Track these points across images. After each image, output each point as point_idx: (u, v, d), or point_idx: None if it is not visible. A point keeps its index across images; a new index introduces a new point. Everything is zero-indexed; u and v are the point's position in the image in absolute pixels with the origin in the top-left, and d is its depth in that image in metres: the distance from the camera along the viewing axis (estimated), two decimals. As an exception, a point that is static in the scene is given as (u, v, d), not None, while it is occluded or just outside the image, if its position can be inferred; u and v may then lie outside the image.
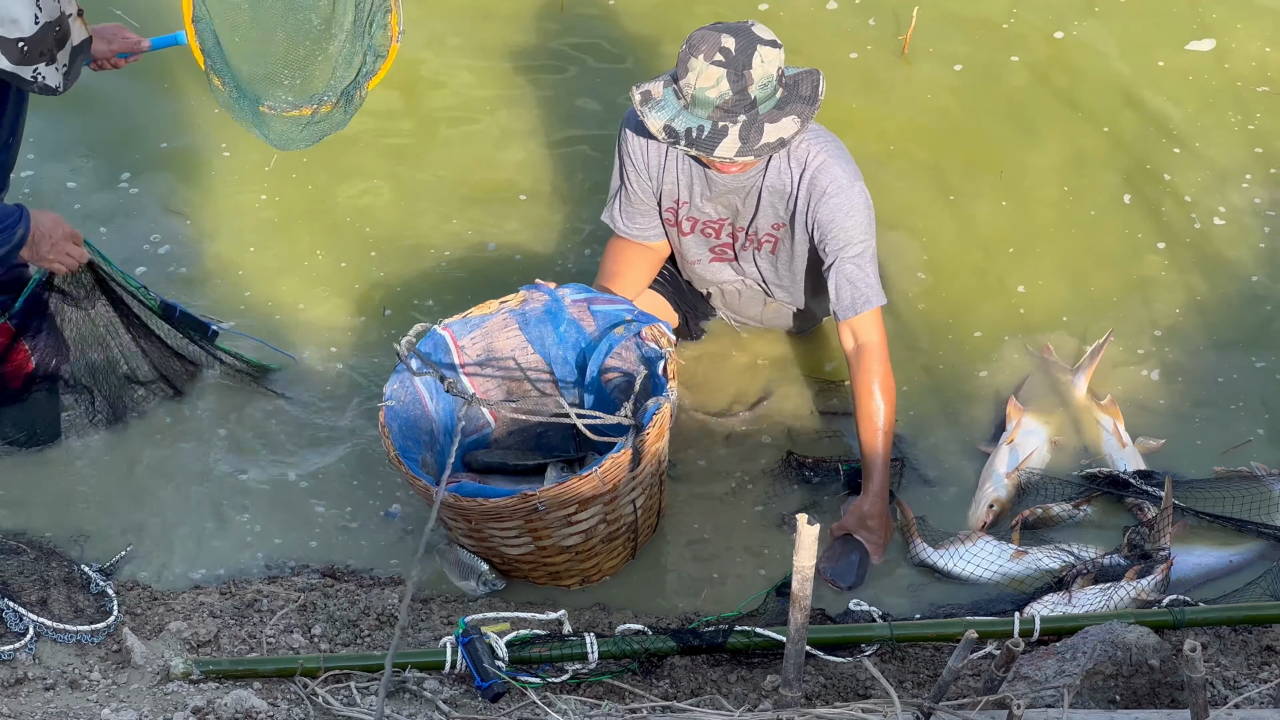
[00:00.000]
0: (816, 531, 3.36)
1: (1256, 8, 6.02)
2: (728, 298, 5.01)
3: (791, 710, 3.59)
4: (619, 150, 4.76)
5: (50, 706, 3.86)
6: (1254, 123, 5.67)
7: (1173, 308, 5.21)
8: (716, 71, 4.37)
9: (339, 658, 4.07)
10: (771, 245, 4.76)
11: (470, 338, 4.62)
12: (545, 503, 4.19)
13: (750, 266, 4.85)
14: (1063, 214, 5.46)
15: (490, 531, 4.34)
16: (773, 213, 4.69)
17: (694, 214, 4.75)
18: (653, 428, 4.26)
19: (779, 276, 4.86)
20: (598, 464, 4.21)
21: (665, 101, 4.46)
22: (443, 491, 3.95)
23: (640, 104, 4.47)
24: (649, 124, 4.46)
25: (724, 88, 4.37)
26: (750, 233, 4.74)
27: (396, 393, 4.46)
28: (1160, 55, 5.87)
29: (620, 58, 5.95)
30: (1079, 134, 5.67)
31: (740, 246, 4.79)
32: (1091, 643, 3.91)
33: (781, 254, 4.78)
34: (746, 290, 4.95)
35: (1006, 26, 5.97)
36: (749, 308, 5.02)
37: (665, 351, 4.43)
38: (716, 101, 4.39)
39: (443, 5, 6.06)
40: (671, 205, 4.76)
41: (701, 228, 4.78)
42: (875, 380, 4.63)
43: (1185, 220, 5.42)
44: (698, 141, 4.43)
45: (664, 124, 4.45)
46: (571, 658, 4.04)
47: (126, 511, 4.67)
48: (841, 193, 4.59)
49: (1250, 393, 4.99)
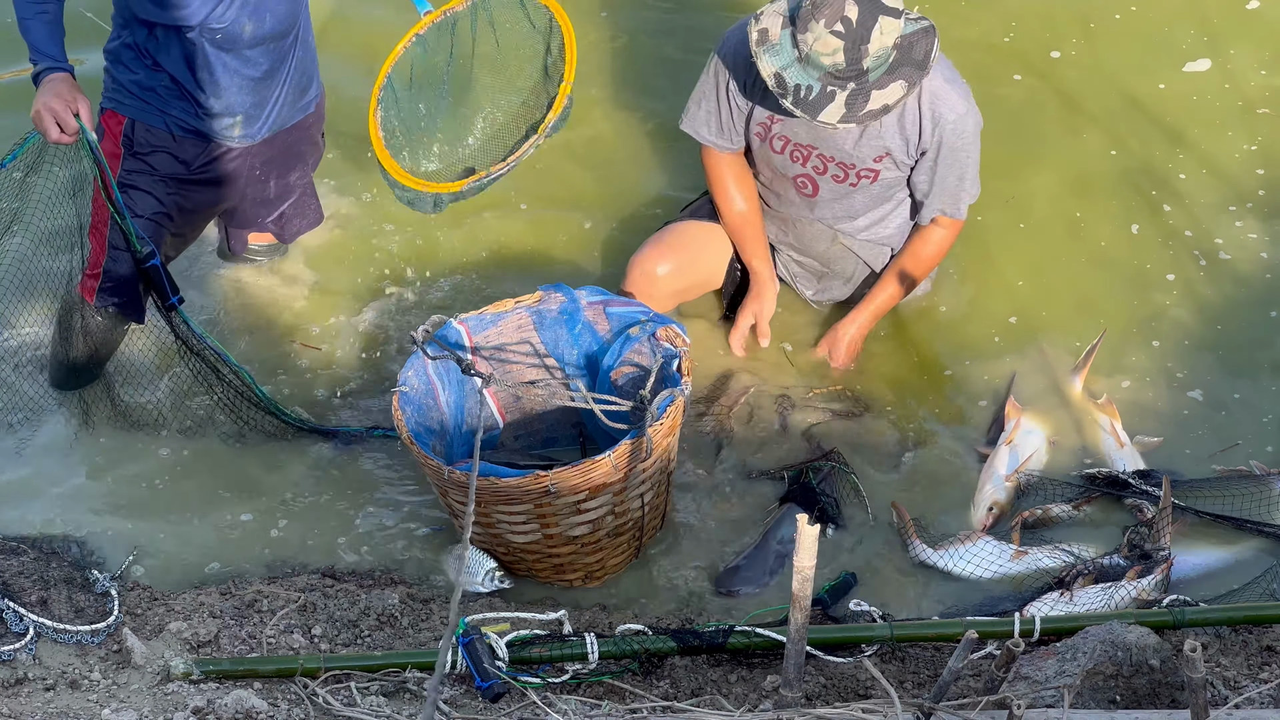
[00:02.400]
0: (816, 532, 3.36)
1: (1249, 29, 6.03)
2: (798, 229, 5.00)
3: (792, 710, 3.58)
4: (714, 67, 4.79)
5: (50, 706, 3.86)
6: (1255, 144, 5.67)
7: (1172, 309, 5.22)
8: (835, 42, 4.39)
9: (339, 658, 4.07)
10: (872, 177, 4.78)
11: (485, 334, 4.63)
12: (556, 485, 4.19)
13: (828, 203, 4.87)
14: (1064, 224, 5.47)
15: (499, 516, 4.33)
16: (877, 143, 4.71)
17: (788, 134, 4.76)
18: (666, 418, 4.27)
19: (857, 208, 4.88)
20: (611, 450, 4.22)
21: (781, 47, 4.47)
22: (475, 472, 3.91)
23: (756, 43, 4.48)
24: (761, 67, 4.48)
25: (839, 59, 4.40)
26: (848, 164, 4.76)
27: (410, 380, 4.47)
28: (1159, 76, 5.88)
29: (635, 64, 5.95)
30: (1080, 151, 5.68)
31: (831, 177, 4.80)
32: (1092, 643, 3.90)
33: (879, 186, 4.81)
34: (814, 227, 4.97)
35: (1006, 41, 5.98)
36: (816, 243, 5.01)
37: (680, 350, 4.44)
38: (829, 68, 4.42)
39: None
40: (764, 121, 4.78)
41: (791, 151, 4.79)
42: (931, 244, 4.83)
43: (1186, 235, 5.42)
44: (803, 102, 4.46)
45: (775, 71, 4.47)
46: (572, 658, 4.04)
47: (127, 511, 4.68)
48: (959, 120, 4.67)
49: (1249, 393, 5.00)
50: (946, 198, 4.81)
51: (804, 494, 4.68)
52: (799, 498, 4.68)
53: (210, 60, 4.52)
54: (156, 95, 4.58)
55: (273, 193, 4.93)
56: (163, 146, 4.63)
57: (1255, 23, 6.05)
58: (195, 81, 4.55)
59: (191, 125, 4.61)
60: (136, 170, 4.63)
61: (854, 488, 4.73)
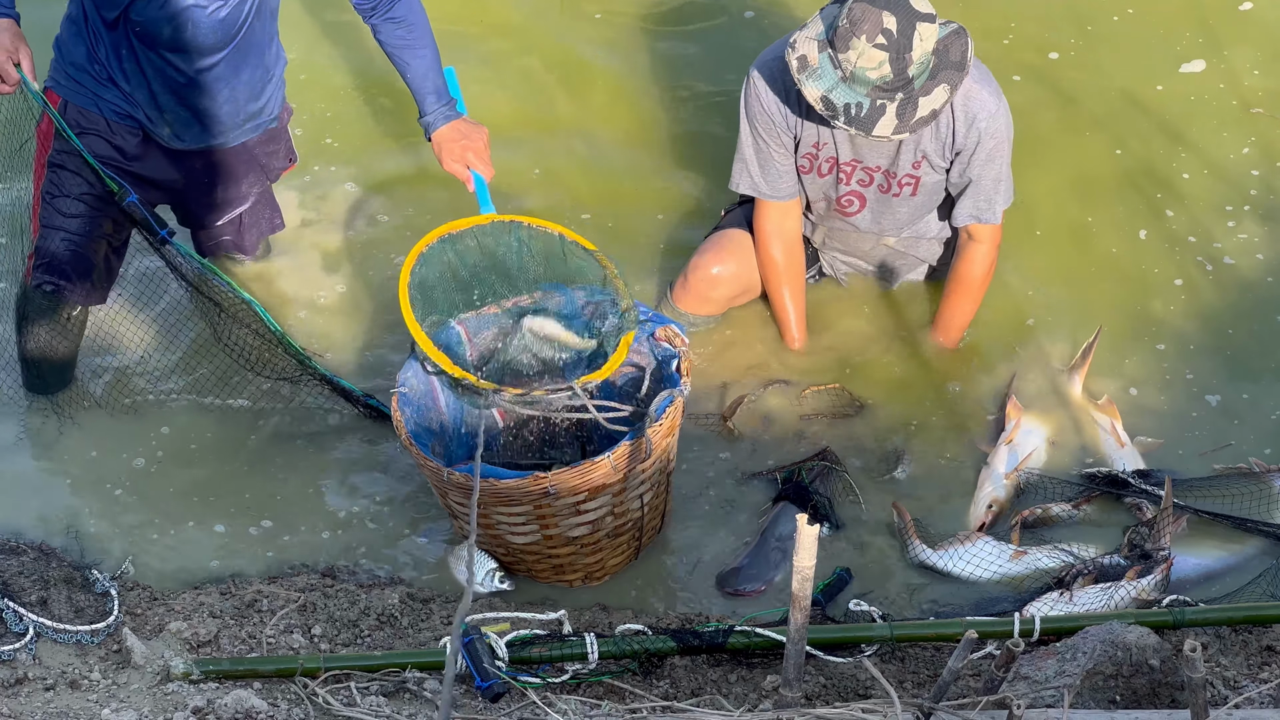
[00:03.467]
0: (816, 532, 3.36)
1: (1244, 30, 6.04)
2: (843, 235, 5.07)
3: (791, 710, 3.58)
4: (746, 110, 4.83)
5: (50, 706, 3.86)
6: (1250, 144, 5.67)
7: (1174, 312, 5.22)
8: (879, 55, 4.43)
9: (339, 658, 4.07)
10: (913, 187, 4.84)
11: (482, 335, 4.62)
12: (556, 486, 4.19)
13: (876, 216, 4.93)
14: (1066, 225, 5.48)
15: (498, 517, 4.33)
16: (915, 148, 4.76)
17: (832, 154, 4.81)
18: (665, 419, 4.27)
19: (902, 219, 4.94)
20: (610, 451, 4.22)
21: (822, 70, 4.51)
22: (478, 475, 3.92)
23: (797, 71, 4.52)
24: (806, 92, 4.52)
25: (885, 70, 4.45)
26: (890, 171, 4.81)
27: (409, 381, 4.46)
28: (1156, 77, 5.89)
29: (644, 67, 5.96)
30: (1080, 152, 5.68)
31: (878, 187, 4.85)
32: (1091, 643, 3.90)
33: (920, 194, 4.87)
34: (858, 234, 5.04)
35: (1006, 43, 5.98)
36: (861, 243, 5.09)
37: (679, 350, 4.44)
38: (876, 81, 4.47)
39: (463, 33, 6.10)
40: (810, 150, 4.82)
41: (838, 172, 4.85)
42: (979, 260, 4.92)
43: (1187, 238, 5.42)
44: (856, 119, 4.51)
45: (821, 95, 4.51)
46: (571, 658, 4.04)
47: (127, 511, 4.68)
48: (992, 118, 4.72)
49: (1256, 394, 5.01)
50: (981, 199, 4.86)
51: (797, 493, 4.68)
52: (792, 496, 4.68)
53: (136, 53, 4.53)
54: (90, 79, 4.61)
55: (218, 198, 4.92)
56: (96, 130, 4.64)
57: (1249, 24, 6.07)
58: (121, 71, 4.57)
59: (126, 111, 4.62)
60: (68, 150, 4.61)
61: (847, 486, 4.73)
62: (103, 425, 4.88)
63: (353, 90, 5.88)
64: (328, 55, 5.97)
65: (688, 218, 5.47)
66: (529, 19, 6.14)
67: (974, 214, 4.88)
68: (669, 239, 5.42)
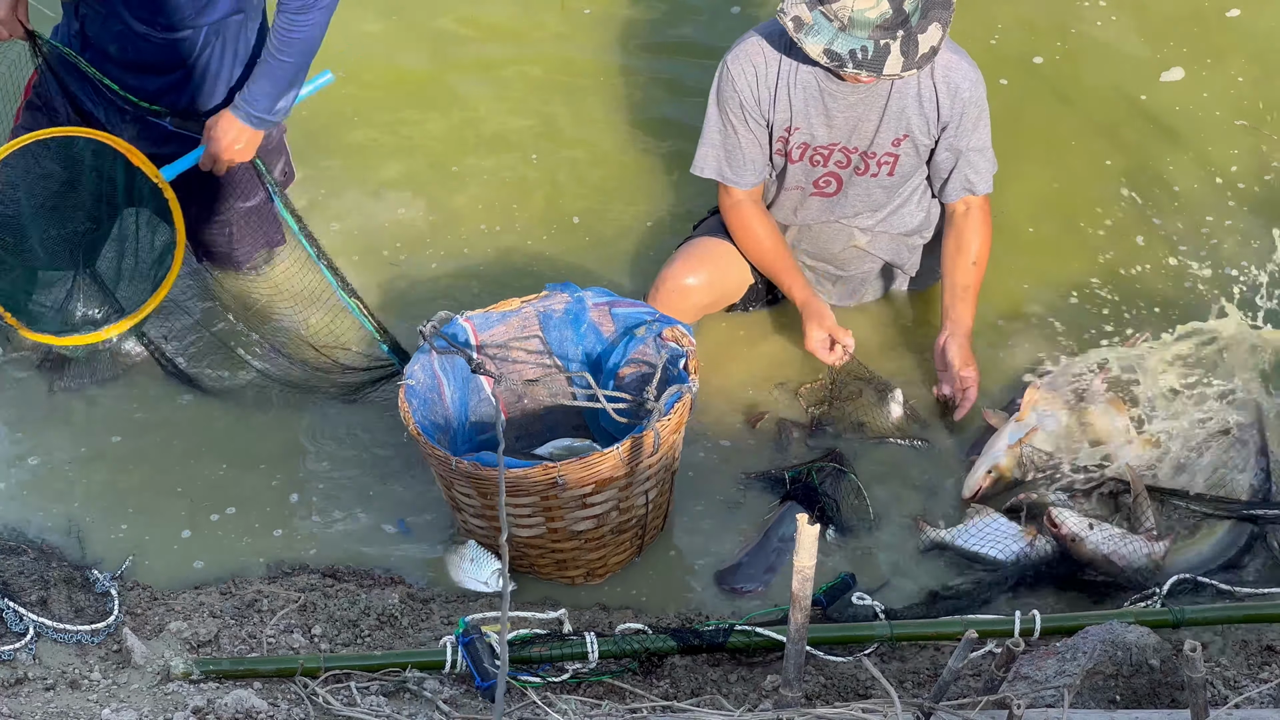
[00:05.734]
0: (816, 531, 3.37)
1: (1228, 38, 6.03)
2: (813, 231, 5.03)
3: (791, 710, 3.59)
4: (718, 96, 4.84)
5: (50, 706, 3.86)
6: (1231, 156, 5.68)
7: (1175, 315, 5.23)
8: None
9: (339, 658, 4.07)
10: (890, 166, 4.84)
11: (491, 332, 4.64)
12: (565, 477, 4.21)
13: (850, 198, 4.91)
14: (1065, 226, 5.49)
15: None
16: (897, 124, 4.78)
17: (805, 139, 4.82)
18: (674, 414, 4.28)
19: (877, 199, 4.92)
20: (619, 443, 4.23)
21: (818, 25, 4.56)
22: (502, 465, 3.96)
23: (794, 30, 4.56)
24: (807, 48, 4.56)
25: (884, 7, 4.51)
26: (868, 152, 4.81)
27: (417, 374, 4.48)
28: (1138, 86, 5.89)
29: (640, 71, 5.97)
30: (1066, 156, 5.70)
31: (854, 169, 4.85)
32: (1091, 643, 3.91)
33: (897, 175, 4.87)
34: (831, 228, 5.01)
35: (993, 43, 5.99)
36: (831, 244, 5.05)
37: (686, 350, 4.45)
38: (877, 21, 4.52)
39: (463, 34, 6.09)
40: (783, 134, 4.82)
41: (811, 155, 4.85)
42: (976, 224, 4.91)
43: (1174, 242, 5.43)
44: (864, 63, 4.56)
45: (824, 48, 4.55)
46: (571, 657, 4.04)
47: (127, 510, 4.68)
48: (974, 86, 4.79)
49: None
50: (971, 171, 4.89)
51: (805, 494, 4.68)
52: (800, 497, 4.68)
53: (100, 28, 4.65)
54: (72, 48, 4.71)
55: (211, 199, 4.93)
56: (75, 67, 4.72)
57: (1234, 32, 6.07)
58: (91, 41, 4.68)
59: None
60: (42, 89, 4.73)
61: (856, 489, 4.73)
62: (103, 425, 4.89)
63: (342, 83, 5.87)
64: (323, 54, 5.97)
65: (678, 220, 5.46)
66: (527, 23, 6.14)
67: (967, 186, 4.91)
68: (660, 245, 5.39)
